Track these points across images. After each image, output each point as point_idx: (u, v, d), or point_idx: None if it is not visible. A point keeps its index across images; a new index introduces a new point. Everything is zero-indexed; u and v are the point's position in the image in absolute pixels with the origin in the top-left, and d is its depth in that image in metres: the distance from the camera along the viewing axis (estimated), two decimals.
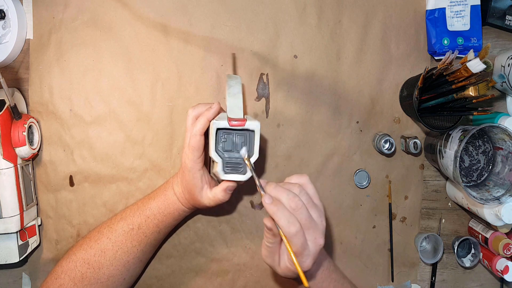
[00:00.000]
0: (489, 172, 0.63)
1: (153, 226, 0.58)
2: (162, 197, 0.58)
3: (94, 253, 0.56)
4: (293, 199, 0.46)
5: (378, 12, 0.67)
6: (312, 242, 0.46)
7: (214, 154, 0.51)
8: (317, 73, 0.67)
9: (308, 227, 0.46)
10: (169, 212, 0.58)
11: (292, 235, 0.44)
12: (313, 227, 0.46)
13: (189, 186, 0.55)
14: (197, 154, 0.53)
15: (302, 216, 0.46)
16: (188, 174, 0.54)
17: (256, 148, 0.52)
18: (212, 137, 0.51)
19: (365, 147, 0.68)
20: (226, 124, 0.50)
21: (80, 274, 0.55)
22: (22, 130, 0.60)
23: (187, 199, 0.57)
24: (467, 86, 0.57)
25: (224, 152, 0.52)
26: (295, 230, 0.44)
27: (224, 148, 0.52)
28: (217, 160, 0.51)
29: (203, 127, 0.52)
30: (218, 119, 0.51)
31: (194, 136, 0.52)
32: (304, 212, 0.46)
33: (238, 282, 0.68)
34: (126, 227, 0.57)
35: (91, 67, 0.66)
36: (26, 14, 0.65)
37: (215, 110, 0.52)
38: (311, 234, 0.46)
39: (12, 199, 0.60)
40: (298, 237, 0.45)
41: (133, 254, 0.57)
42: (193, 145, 0.52)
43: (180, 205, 0.58)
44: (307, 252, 0.46)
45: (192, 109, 0.54)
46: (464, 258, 0.69)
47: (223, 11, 0.66)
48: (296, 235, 0.44)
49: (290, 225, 0.44)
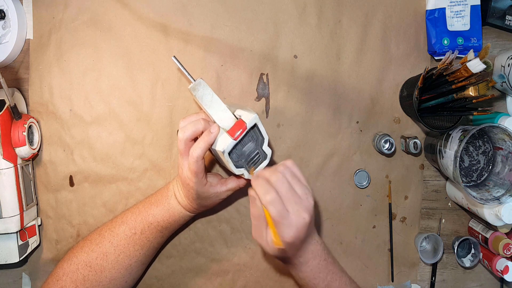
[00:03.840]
0: (489, 172, 0.63)
1: (156, 232, 0.58)
2: (166, 205, 0.58)
3: (96, 256, 0.56)
4: (274, 172, 0.49)
5: (378, 12, 0.67)
6: (295, 215, 0.48)
7: (238, 171, 0.52)
8: (317, 73, 0.67)
9: (289, 199, 0.48)
10: (174, 220, 0.58)
11: (268, 202, 0.46)
12: (295, 200, 0.48)
13: (199, 198, 0.55)
14: (200, 176, 0.52)
15: (283, 187, 0.48)
16: (196, 193, 0.54)
17: (264, 132, 0.52)
18: (229, 161, 0.50)
19: (365, 147, 0.68)
20: (232, 142, 0.49)
21: (82, 276, 0.55)
22: (22, 130, 0.60)
23: (192, 207, 0.58)
24: (467, 86, 0.57)
25: (239, 157, 0.52)
26: (270, 198, 0.47)
27: (238, 155, 0.52)
28: (243, 172, 0.52)
29: (203, 152, 0.50)
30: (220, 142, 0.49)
31: (195, 163, 0.50)
32: (285, 184, 0.48)
33: (238, 282, 0.68)
34: (128, 231, 0.57)
35: (91, 67, 0.66)
36: (26, 14, 0.65)
37: (215, 136, 0.50)
38: (293, 206, 0.48)
39: (12, 199, 0.60)
40: (275, 205, 0.46)
41: (136, 258, 0.58)
42: (195, 170, 0.51)
43: (185, 212, 0.58)
44: (287, 222, 0.47)
45: (181, 131, 0.51)
46: (464, 258, 0.69)
47: (223, 11, 0.66)
48: (272, 203, 0.46)
49: (266, 193, 0.47)
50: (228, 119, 0.51)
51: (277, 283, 0.68)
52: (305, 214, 0.48)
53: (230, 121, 0.51)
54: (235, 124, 0.50)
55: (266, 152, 0.53)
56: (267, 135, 0.53)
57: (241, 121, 0.50)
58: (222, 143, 0.50)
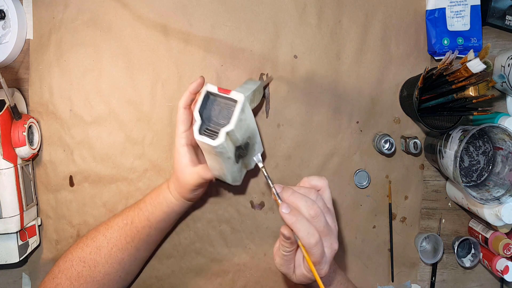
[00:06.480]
0: (489, 172, 0.62)
1: (144, 219, 0.58)
2: (156, 191, 0.59)
3: (89, 251, 0.56)
4: (312, 207, 0.45)
5: (378, 12, 0.67)
6: (329, 248, 0.46)
7: (196, 113, 0.50)
8: (317, 73, 0.67)
9: (326, 234, 0.45)
10: (159, 202, 0.58)
11: (312, 246, 0.43)
12: (329, 233, 0.46)
13: (175, 166, 0.55)
14: (181, 128, 0.54)
15: (320, 224, 0.45)
16: (175, 154, 0.55)
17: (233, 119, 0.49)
18: (200, 97, 0.50)
19: (365, 147, 0.68)
20: (215, 89, 0.50)
21: (76, 272, 0.55)
22: (22, 130, 0.60)
23: (174, 185, 0.57)
24: (467, 86, 0.57)
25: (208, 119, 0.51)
26: (315, 241, 0.43)
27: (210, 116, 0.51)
28: (197, 119, 0.50)
29: (186, 99, 0.54)
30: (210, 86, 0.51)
31: (179, 109, 0.54)
32: (322, 219, 0.45)
33: (238, 282, 0.68)
34: (121, 222, 0.58)
35: (91, 67, 0.66)
36: (26, 14, 0.65)
37: (199, 82, 0.54)
38: (328, 240, 0.46)
39: (12, 199, 0.60)
40: (318, 247, 0.44)
41: (128, 251, 0.58)
42: (177, 118, 0.54)
43: (169, 194, 0.58)
44: (324, 260, 0.45)
45: (180, 101, 0.55)
46: (464, 258, 0.69)
47: (223, 11, 0.66)
48: (316, 245, 0.44)
49: (310, 236, 0.43)
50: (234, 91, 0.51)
51: (277, 283, 0.68)
52: (335, 245, 0.46)
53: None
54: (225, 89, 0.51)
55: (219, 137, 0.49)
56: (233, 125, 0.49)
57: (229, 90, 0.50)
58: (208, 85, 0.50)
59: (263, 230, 0.68)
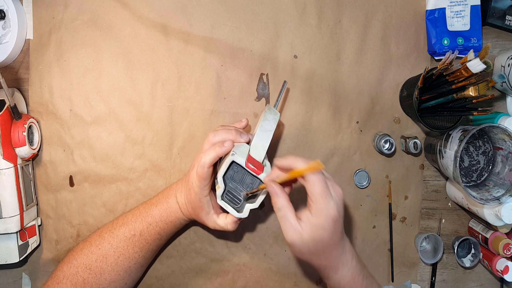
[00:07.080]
0: (489, 172, 0.62)
1: (155, 233, 0.58)
2: (164, 204, 0.58)
3: (95, 258, 0.56)
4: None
5: (378, 12, 0.67)
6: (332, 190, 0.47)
7: (220, 180, 0.52)
8: (317, 73, 0.67)
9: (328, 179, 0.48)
10: (171, 220, 0.58)
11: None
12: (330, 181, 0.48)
13: (194, 205, 0.55)
14: (204, 183, 0.53)
15: None
16: (194, 197, 0.54)
17: (259, 200, 0.54)
18: (225, 165, 0.51)
19: (365, 147, 0.68)
20: (242, 163, 0.51)
21: (82, 279, 0.55)
22: (22, 130, 0.60)
23: (189, 212, 0.58)
24: (467, 86, 0.57)
25: (231, 181, 0.53)
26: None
27: (232, 178, 0.53)
28: (221, 186, 0.52)
29: (211, 161, 0.52)
30: (239, 152, 0.51)
31: (202, 167, 0.52)
32: None
33: (238, 282, 0.68)
34: (128, 233, 0.57)
35: (91, 67, 0.66)
36: (26, 14, 0.65)
37: (227, 150, 0.52)
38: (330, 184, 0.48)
39: (12, 199, 0.60)
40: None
41: (135, 260, 0.57)
42: (200, 175, 0.52)
43: (182, 215, 0.58)
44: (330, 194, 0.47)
45: (213, 134, 0.54)
46: (464, 258, 0.69)
47: (223, 11, 0.66)
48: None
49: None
50: (259, 154, 0.53)
51: (277, 283, 0.68)
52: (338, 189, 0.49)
53: (258, 157, 0.52)
54: (257, 161, 0.52)
55: (243, 210, 0.54)
56: (258, 205, 0.54)
57: (262, 166, 0.52)
58: (237, 157, 0.51)
59: (263, 230, 0.68)
